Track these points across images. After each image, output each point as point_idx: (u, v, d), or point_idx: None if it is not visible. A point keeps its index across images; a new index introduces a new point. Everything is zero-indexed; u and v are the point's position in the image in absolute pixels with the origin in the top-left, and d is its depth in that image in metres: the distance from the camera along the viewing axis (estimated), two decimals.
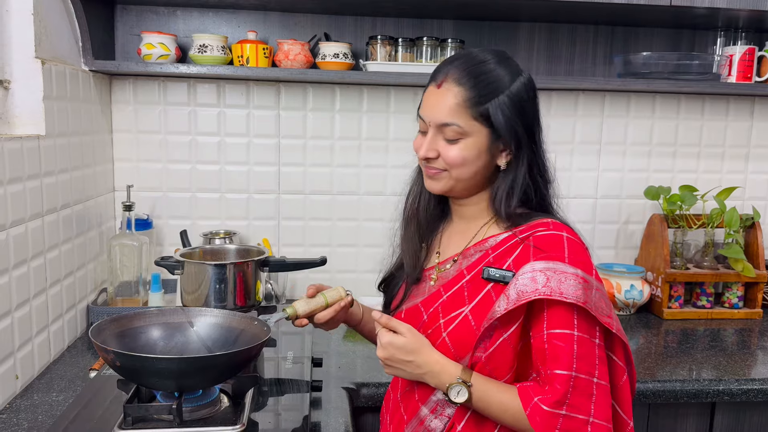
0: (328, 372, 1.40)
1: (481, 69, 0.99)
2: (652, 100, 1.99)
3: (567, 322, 0.92)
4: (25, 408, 1.18)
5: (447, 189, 1.04)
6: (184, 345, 1.13)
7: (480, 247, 1.04)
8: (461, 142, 0.99)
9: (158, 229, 1.89)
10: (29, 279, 1.29)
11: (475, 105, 0.98)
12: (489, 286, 0.98)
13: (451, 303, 1.01)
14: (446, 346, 0.99)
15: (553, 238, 0.97)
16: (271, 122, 1.87)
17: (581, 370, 0.91)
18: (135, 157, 1.86)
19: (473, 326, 0.97)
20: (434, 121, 1.00)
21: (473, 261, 1.04)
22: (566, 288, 0.91)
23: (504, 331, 0.94)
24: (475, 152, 0.99)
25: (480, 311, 0.97)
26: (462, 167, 1.00)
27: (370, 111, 1.89)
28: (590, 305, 0.92)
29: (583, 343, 0.92)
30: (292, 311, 1.15)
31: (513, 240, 1.00)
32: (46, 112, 1.37)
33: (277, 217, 1.91)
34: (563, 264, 0.93)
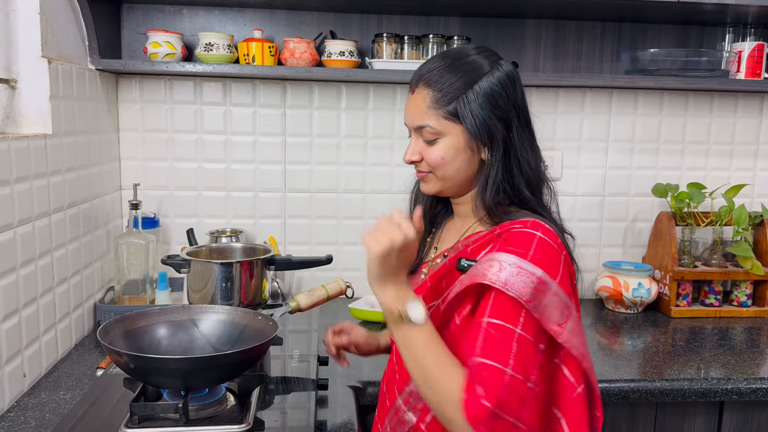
0: (335, 370, 1.39)
1: (449, 69, 1.00)
2: (659, 97, 1.97)
3: (511, 316, 0.87)
4: (33, 406, 1.19)
5: (438, 190, 1.05)
6: (189, 343, 1.13)
7: (466, 242, 1.04)
8: (439, 142, 1.00)
9: (165, 228, 1.89)
10: (37, 277, 1.29)
11: (444, 105, 0.99)
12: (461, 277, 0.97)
13: (430, 294, 1.02)
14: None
15: (524, 236, 0.94)
16: (277, 120, 1.87)
17: (517, 368, 0.84)
18: (142, 156, 1.86)
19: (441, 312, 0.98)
20: (411, 124, 1.03)
21: (458, 251, 1.04)
22: (514, 282, 0.88)
23: (460, 313, 0.93)
24: (453, 151, 1.00)
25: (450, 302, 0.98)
26: (443, 167, 1.01)
27: (376, 109, 1.89)
28: (535, 306, 0.87)
29: (524, 344, 0.86)
30: (294, 304, 1.15)
31: (491, 235, 0.98)
32: (53, 111, 1.38)
33: (284, 215, 1.91)
34: (523, 260, 0.90)
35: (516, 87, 1.01)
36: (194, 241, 1.74)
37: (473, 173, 1.03)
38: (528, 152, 1.02)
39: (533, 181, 1.03)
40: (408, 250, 0.90)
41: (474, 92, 0.98)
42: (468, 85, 0.99)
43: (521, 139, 1.01)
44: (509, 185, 1.01)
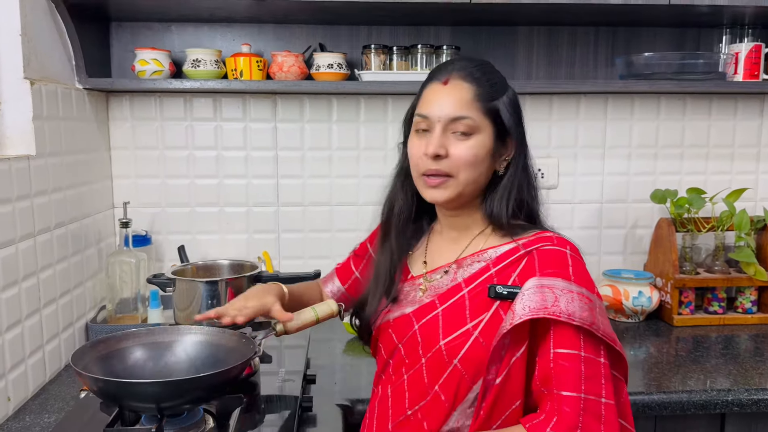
0: (324, 388, 1.37)
1: (485, 69, 1.01)
2: (656, 102, 1.94)
3: (574, 342, 0.90)
4: (16, 430, 1.18)
5: (454, 196, 1.00)
6: (173, 365, 1.11)
7: (478, 258, 1.02)
8: (472, 138, 0.97)
9: (158, 245, 1.88)
10: (20, 300, 1.29)
11: (486, 100, 0.98)
12: (496, 305, 0.95)
13: (451, 319, 0.98)
14: (458, 373, 0.96)
15: (557, 255, 0.95)
16: (268, 135, 1.86)
17: (589, 391, 0.88)
18: (133, 173, 1.86)
19: (485, 348, 0.94)
20: (444, 116, 0.98)
21: (473, 272, 1.01)
22: (574, 309, 0.90)
23: (515, 351, 0.92)
24: (484, 151, 0.98)
25: (490, 331, 0.94)
26: (471, 167, 0.98)
27: (367, 121, 1.87)
28: (596, 326, 0.91)
29: (590, 364, 0.90)
30: (280, 328, 1.13)
31: (517, 253, 0.98)
32: (36, 132, 1.37)
33: (277, 229, 1.90)
34: (569, 283, 0.92)
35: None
36: (185, 258, 1.72)
37: (485, 184, 1.02)
38: (534, 167, 1.05)
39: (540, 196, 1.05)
40: None
41: (508, 97, 1.00)
42: (504, 90, 1.01)
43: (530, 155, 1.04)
44: (527, 199, 1.02)
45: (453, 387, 0.96)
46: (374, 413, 1.06)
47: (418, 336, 1.01)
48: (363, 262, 1.26)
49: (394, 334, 1.05)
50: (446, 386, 0.96)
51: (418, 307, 1.03)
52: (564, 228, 1.94)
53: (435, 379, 0.97)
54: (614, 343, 0.93)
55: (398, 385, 1.02)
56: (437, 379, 0.97)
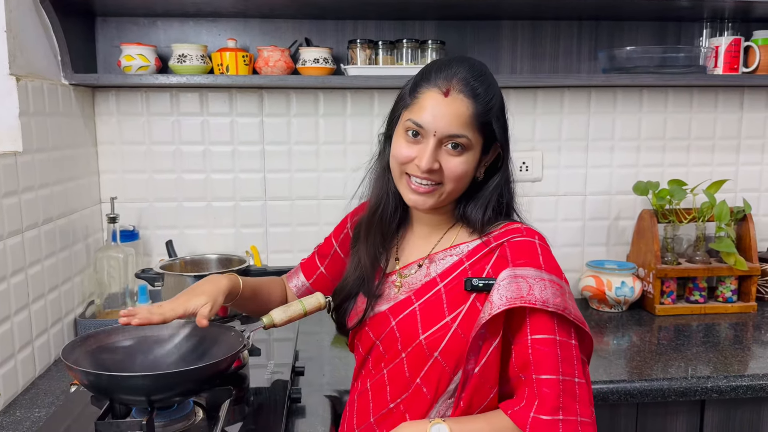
0: (313, 380, 1.39)
1: (484, 79, 0.99)
2: (639, 95, 1.97)
3: (549, 327, 0.93)
4: (7, 425, 1.19)
5: (439, 203, 1.02)
6: (162, 358, 1.12)
7: (451, 252, 1.04)
8: (465, 154, 0.98)
9: (146, 240, 1.89)
10: (9, 296, 1.29)
11: (482, 117, 0.97)
12: (473, 297, 0.98)
13: (429, 313, 1.00)
14: (439, 366, 0.98)
15: (527, 245, 0.98)
16: (255, 129, 1.87)
17: (565, 372, 0.92)
18: (120, 169, 1.86)
19: (464, 339, 0.96)
20: (442, 131, 0.96)
21: (446, 267, 1.03)
22: (548, 296, 0.93)
23: (492, 340, 0.94)
24: (473, 165, 1.00)
25: (468, 323, 0.97)
26: (460, 180, 0.99)
27: (354, 115, 1.89)
28: (568, 311, 0.94)
29: (564, 347, 0.93)
30: (268, 320, 1.14)
31: (489, 246, 1.01)
32: (23, 128, 1.37)
33: (265, 224, 1.91)
34: (541, 271, 0.95)
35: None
36: (173, 253, 1.73)
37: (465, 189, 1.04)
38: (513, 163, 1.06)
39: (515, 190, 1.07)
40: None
41: (499, 105, 1.01)
42: (496, 98, 1.00)
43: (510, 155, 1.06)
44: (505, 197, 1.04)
45: (434, 379, 0.98)
46: (354, 407, 1.08)
47: (396, 332, 1.03)
48: (328, 257, 1.26)
49: (370, 331, 1.07)
50: (428, 379, 0.99)
51: (393, 304, 1.05)
52: (548, 220, 1.98)
53: (416, 373, 1.00)
54: (584, 325, 0.97)
55: (378, 379, 1.05)
56: (418, 372, 0.99)
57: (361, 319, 1.08)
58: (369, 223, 1.12)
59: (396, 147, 1.02)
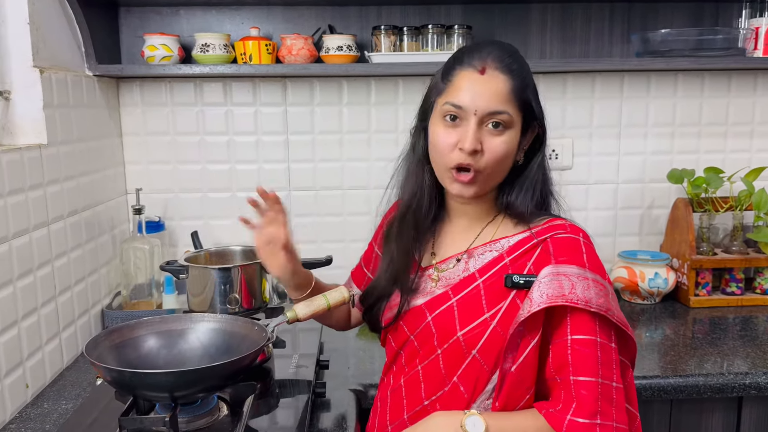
0: (337, 373, 1.38)
1: (517, 58, 0.97)
2: (673, 79, 1.89)
3: (590, 328, 0.90)
4: (35, 417, 1.19)
5: (481, 192, 0.99)
6: (186, 353, 1.12)
7: (491, 247, 1.01)
8: (506, 133, 0.94)
9: (171, 231, 1.89)
10: (36, 288, 1.30)
11: (520, 93, 0.94)
12: (513, 294, 0.95)
13: (467, 309, 0.97)
14: (477, 364, 0.96)
15: (571, 242, 0.95)
16: (279, 119, 1.85)
17: (605, 376, 0.89)
18: (145, 160, 1.86)
19: (503, 337, 0.93)
20: (482, 108, 0.93)
21: (486, 262, 0.99)
22: (590, 295, 0.90)
23: (530, 339, 0.91)
24: (514, 146, 0.96)
25: (508, 320, 0.94)
26: (501, 162, 0.95)
27: (378, 103, 1.85)
28: (611, 312, 0.91)
29: (604, 349, 0.91)
30: (292, 315, 1.13)
31: (531, 242, 0.97)
32: (47, 120, 1.37)
33: (289, 213, 1.89)
34: (584, 269, 0.92)
35: None
36: (199, 244, 1.73)
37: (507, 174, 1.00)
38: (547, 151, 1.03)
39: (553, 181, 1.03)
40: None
41: (533, 87, 0.98)
42: (531, 79, 0.98)
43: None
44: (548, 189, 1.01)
45: (472, 378, 0.96)
46: (387, 402, 1.06)
47: (432, 327, 1.00)
48: (372, 262, 1.23)
49: (405, 326, 1.04)
50: (465, 377, 0.96)
51: (430, 299, 1.02)
52: (579, 209, 1.93)
53: (453, 370, 0.97)
54: (626, 328, 0.93)
55: (412, 375, 1.02)
56: (455, 369, 0.97)
57: (396, 315, 1.05)
58: (402, 220, 1.08)
59: (435, 135, 0.98)
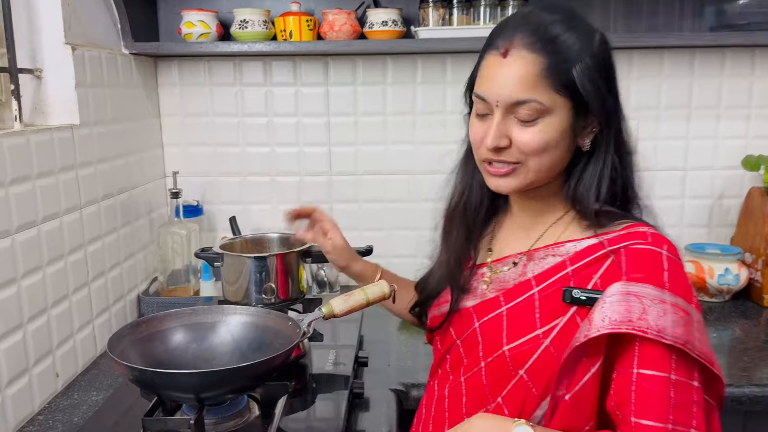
0: (377, 369, 1.29)
1: (555, 29, 0.80)
2: (750, 56, 1.71)
3: (663, 363, 0.75)
4: (63, 408, 1.15)
5: (523, 186, 0.86)
6: (216, 348, 1.05)
7: (553, 251, 0.86)
8: (540, 122, 0.81)
9: (210, 215, 1.83)
10: (67, 274, 1.25)
11: (557, 73, 0.79)
12: (573, 310, 0.81)
13: (517, 321, 0.85)
14: (524, 386, 0.83)
15: (650, 256, 0.78)
16: (320, 99, 1.76)
17: (678, 420, 0.73)
18: (183, 142, 1.80)
19: (557, 359, 0.80)
20: (504, 99, 0.81)
21: (546, 269, 0.85)
22: (666, 324, 0.74)
23: (590, 365, 0.77)
24: (557, 134, 0.81)
25: (563, 341, 0.80)
26: (543, 154, 0.82)
27: (424, 82, 1.74)
28: (691, 345, 0.75)
29: (681, 388, 0.75)
30: (328, 310, 1.05)
31: (601, 250, 0.81)
32: (80, 100, 1.32)
33: (330, 200, 1.81)
34: (662, 291, 0.76)
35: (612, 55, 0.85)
36: (237, 230, 1.66)
37: (566, 163, 0.85)
38: (629, 140, 0.86)
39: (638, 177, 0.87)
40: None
41: (591, 58, 0.80)
42: (586, 49, 0.80)
43: (625, 122, 0.85)
44: (622, 182, 0.85)
45: (518, 401, 0.84)
46: (431, 412, 0.96)
47: (478, 334, 0.89)
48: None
49: (452, 329, 0.94)
50: (511, 399, 0.85)
51: (479, 302, 0.91)
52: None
53: (497, 389, 0.86)
54: (711, 365, 0.78)
55: (455, 386, 0.92)
56: (499, 388, 0.86)
57: (446, 317, 0.95)
58: (453, 214, 0.98)
59: (470, 128, 0.89)
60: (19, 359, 1.09)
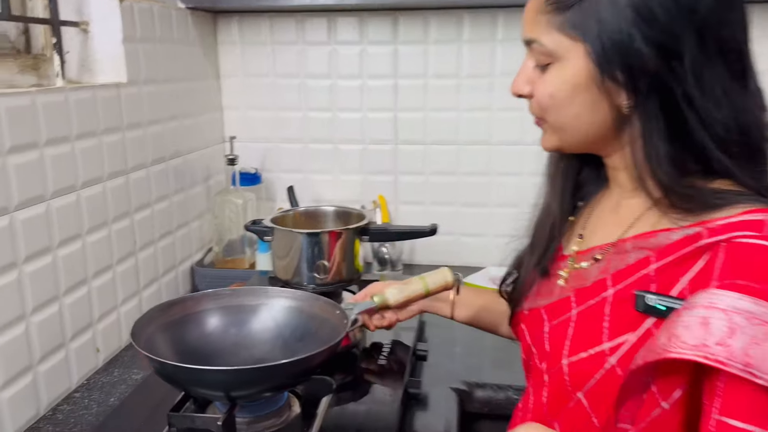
0: (437, 364, 1.15)
1: None
2: None
3: (752, 410, 0.53)
4: (101, 386, 1.09)
5: (555, 145, 0.72)
6: (257, 334, 0.94)
7: (641, 243, 0.66)
8: (550, 69, 0.66)
9: (268, 184, 1.73)
10: (111, 243, 1.18)
11: (561, 8, 0.63)
12: (649, 322, 0.62)
13: (583, 330, 0.67)
14: (583, 412, 0.66)
15: (757, 253, 0.56)
16: (387, 60, 1.60)
17: None
18: (243, 105, 1.70)
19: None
20: (522, 36, 0.70)
21: (627, 265, 0.66)
22: (759, 356, 0.52)
23: (663, 396, 0.58)
24: (567, 86, 0.65)
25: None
26: (553, 110, 0.67)
27: (506, 40, 1.55)
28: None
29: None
30: (381, 300, 0.92)
31: (697, 243, 0.61)
32: (128, 56, 1.23)
33: (395, 170, 1.67)
34: (765, 306, 0.53)
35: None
36: (294, 201, 1.56)
37: (610, 124, 0.66)
38: (719, 94, 0.61)
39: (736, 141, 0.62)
40: None
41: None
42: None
43: (705, 72, 0.61)
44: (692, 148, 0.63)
45: (575, 428, 0.67)
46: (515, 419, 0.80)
47: (546, 341, 0.72)
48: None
49: (526, 330, 0.78)
50: (567, 426, 0.68)
51: (553, 302, 0.74)
52: None
53: (555, 410, 0.69)
54: None
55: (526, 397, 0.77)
56: (557, 410, 0.69)
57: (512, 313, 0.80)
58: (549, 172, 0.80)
59: None
60: (53, 333, 1.02)
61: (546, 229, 0.78)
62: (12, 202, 0.93)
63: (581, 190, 0.79)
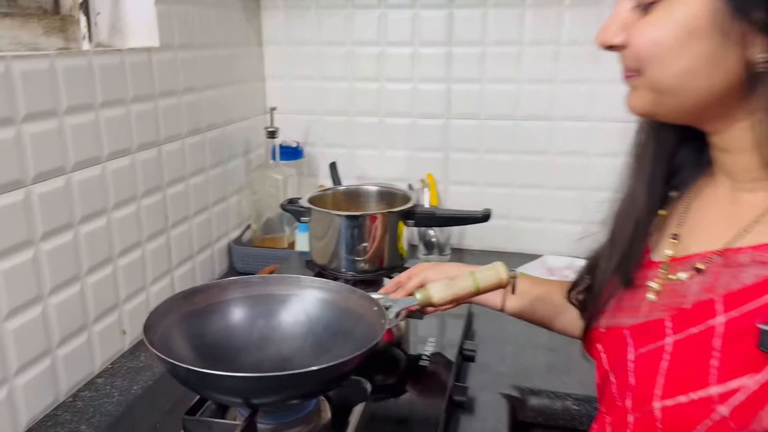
0: (487, 367, 1.04)
1: None
2: None
3: None
4: (126, 372, 1.02)
5: (648, 106, 0.56)
6: (286, 328, 0.85)
7: (763, 257, 0.52)
8: (657, 8, 0.52)
9: (310, 158, 1.64)
10: (140, 219, 1.10)
11: None
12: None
13: (683, 365, 0.53)
14: None
15: None
16: (441, 25, 1.47)
17: None
18: (286, 74, 1.60)
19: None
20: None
21: (744, 285, 0.51)
22: None
23: None
24: (679, 30, 0.51)
25: (751, 415, 0.48)
26: (657, 61, 0.52)
27: (574, 5, 1.39)
28: None
29: None
30: (424, 297, 0.81)
31: None
32: (160, 18, 1.14)
33: (445, 147, 1.54)
34: None
35: None
36: (336, 178, 1.45)
37: (733, 86, 0.51)
38: None
39: None
40: None
41: None
42: None
43: None
44: None
45: None
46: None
47: (630, 372, 0.58)
48: None
49: (604, 353, 0.65)
50: None
51: (640, 323, 0.60)
52: None
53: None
54: None
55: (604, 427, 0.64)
56: None
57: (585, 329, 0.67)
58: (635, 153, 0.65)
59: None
60: (74, 315, 0.96)
61: (629, 225, 0.63)
62: (28, 174, 0.85)
63: (675, 177, 0.64)
